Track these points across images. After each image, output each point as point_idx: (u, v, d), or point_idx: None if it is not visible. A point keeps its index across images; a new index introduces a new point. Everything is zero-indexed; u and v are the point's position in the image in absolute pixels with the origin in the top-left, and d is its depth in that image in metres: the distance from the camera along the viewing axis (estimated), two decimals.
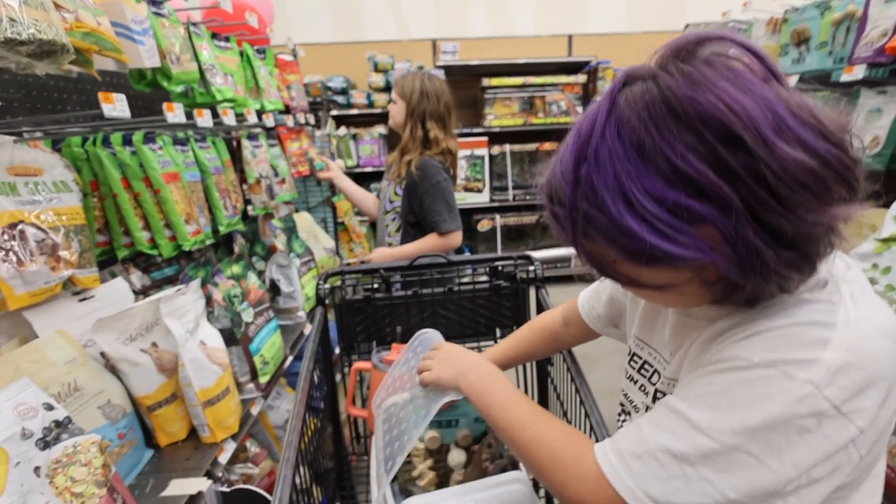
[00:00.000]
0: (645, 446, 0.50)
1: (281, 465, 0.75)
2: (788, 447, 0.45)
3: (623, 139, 0.45)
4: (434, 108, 2.01)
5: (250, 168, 1.93)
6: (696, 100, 0.43)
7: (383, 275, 1.38)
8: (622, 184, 0.45)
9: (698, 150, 0.43)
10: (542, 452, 0.58)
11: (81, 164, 1.29)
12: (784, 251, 0.44)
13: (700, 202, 0.43)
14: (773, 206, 0.42)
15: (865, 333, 0.46)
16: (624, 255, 0.48)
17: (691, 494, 0.47)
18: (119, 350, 1.12)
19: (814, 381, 0.44)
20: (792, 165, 0.42)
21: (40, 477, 0.73)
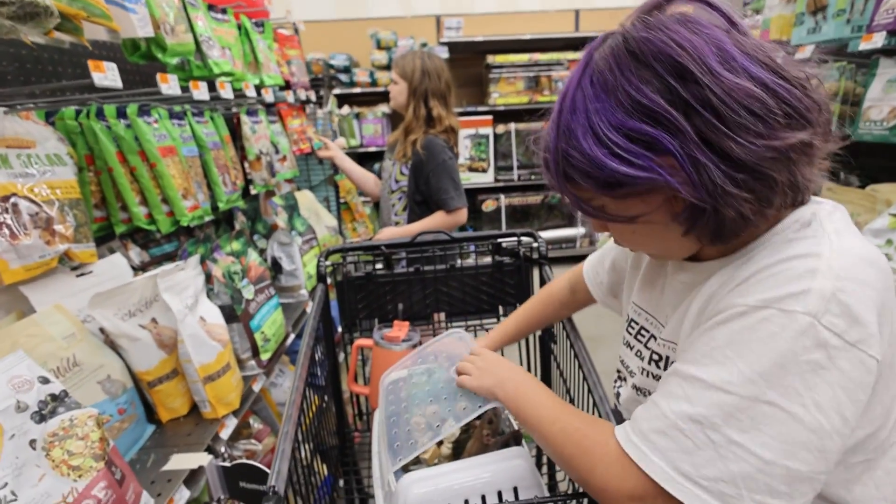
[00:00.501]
0: (665, 420, 0.49)
1: (279, 440, 0.74)
2: (807, 388, 0.44)
3: (594, 84, 0.52)
4: (436, 86, 1.99)
5: (250, 144, 1.90)
6: (649, 40, 0.49)
7: (385, 252, 1.36)
8: (591, 120, 0.51)
9: (652, 83, 0.48)
10: (569, 442, 0.58)
11: (76, 138, 1.26)
12: (735, 173, 0.48)
13: (653, 127, 0.48)
14: (720, 128, 0.47)
15: (851, 261, 0.48)
16: (596, 186, 0.53)
17: (723, 462, 0.45)
18: (118, 325, 1.11)
19: (810, 312, 0.45)
20: (736, 91, 0.46)
21: (36, 450, 0.72)
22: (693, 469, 0.47)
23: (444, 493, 0.68)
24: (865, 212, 1.61)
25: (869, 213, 1.60)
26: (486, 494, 0.70)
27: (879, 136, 1.60)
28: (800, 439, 0.45)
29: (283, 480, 0.66)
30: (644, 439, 0.51)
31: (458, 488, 0.69)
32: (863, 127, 1.66)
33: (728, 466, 0.45)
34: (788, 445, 0.45)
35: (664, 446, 0.49)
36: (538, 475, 0.77)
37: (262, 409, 1.68)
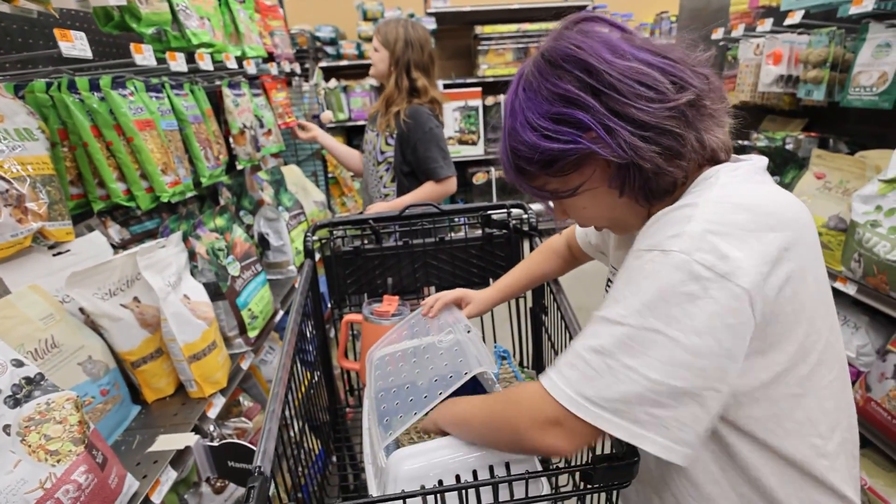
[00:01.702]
0: (574, 354, 0.57)
1: (266, 419, 0.72)
2: (685, 315, 0.52)
3: (525, 90, 0.65)
4: (418, 58, 1.93)
5: (233, 118, 1.84)
6: (557, 48, 0.63)
7: (373, 226, 1.33)
8: (525, 116, 0.64)
9: (565, 77, 0.62)
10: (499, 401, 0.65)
11: (48, 112, 1.20)
12: (640, 131, 0.59)
13: (570, 108, 0.61)
14: (621, 99, 0.59)
15: (724, 206, 0.56)
16: (540, 168, 0.65)
17: (619, 384, 0.53)
18: (98, 305, 1.08)
19: (683, 250, 0.53)
20: (627, 71, 0.59)
21: (11, 435, 0.70)
22: (594, 392, 0.54)
23: (435, 469, 0.67)
24: (855, 178, 1.61)
25: (858, 180, 1.59)
26: (478, 469, 0.69)
27: (869, 101, 1.58)
28: (680, 360, 0.52)
29: (270, 460, 0.64)
30: (558, 373, 0.58)
31: (449, 464, 0.68)
32: (852, 93, 1.64)
33: (622, 388, 0.53)
34: (670, 366, 0.52)
35: (571, 375, 0.56)
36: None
37: (251, 387, 1.67)
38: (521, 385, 0.66)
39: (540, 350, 1.32)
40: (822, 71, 1.76)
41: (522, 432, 0.59)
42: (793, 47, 1.90)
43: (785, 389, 0.60)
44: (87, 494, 0.75)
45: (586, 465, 0.61)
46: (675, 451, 0.53)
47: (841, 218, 1.60)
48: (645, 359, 0.52)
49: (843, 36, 1.73)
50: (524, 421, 0.59)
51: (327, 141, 2.29)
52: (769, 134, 2.16)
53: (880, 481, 1.50)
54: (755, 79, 2.12)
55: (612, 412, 0.53)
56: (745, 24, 2.18)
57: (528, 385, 0.62)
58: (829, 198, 1.66)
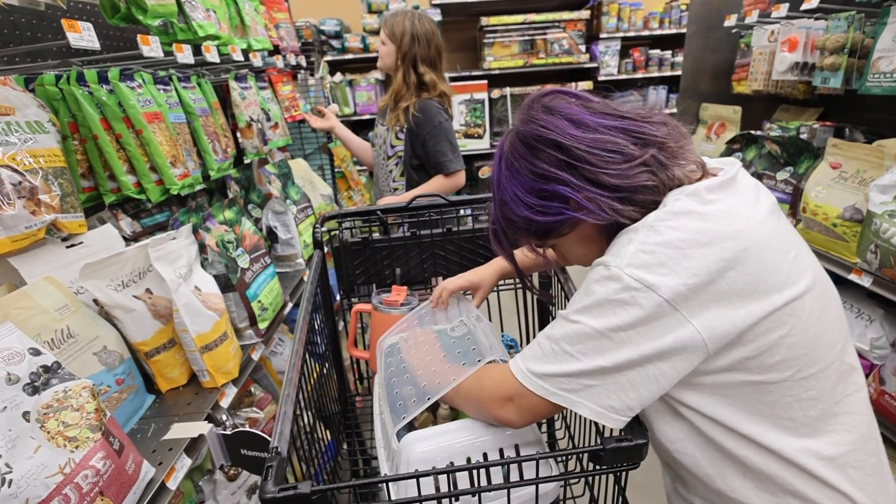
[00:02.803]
0: (535, 342, 0.69)
1: (281, 403, 0.73)
2: (613, 315, 0.62)
3: (508, 168, 0.74)
4: (425, 52, 1.92)
5: (240, 111, 1.84)
6: (529, 131, 0.72)
7: (381, 217, 1.33)
8: (514, 192, 0.73)
9: (540, 156, 0.70)
10: (472, 379, 0.76)
11: (58, 105, 1.21)
12: (615, 193, 0.67)
13: (549, 184, 0.69)
14: (592, 169, 0.67)
15: (657, 230, 0.63)
16: (536, 237, 0.76)
17: (559, 363, 0.65)
18: (111, 296, 1.09)
19: (619, 265, 0.63)
20: (593, 143, 0.67)
21: (30, 422, 0.71)
22: (539, 368, 0.66)
23: (446, 451, 0.68)
24: (872, 168, 1.57)
25: (876, 170, 1.56)
26: (488, 452, 0.70)
27: (889, 88, 1.54)
28: (605, 348, 0.63)
29: (286, 442, 0.65)
30: (522, 356, 0.70)
31: (459, 446, 0.69)
32: (871, 80, 1.60)
33: (562, 366, 0.65)
34: (599, 353, 0.63)
35: (526, 355, 0.69)
36: (538, 433, 0.76)
37: (262, 378, 1.69)
38: (492, 366, 0.77)
39: None
40: (839, 57, 1.71)
41: (484, 404, 0.72)
42: (809, 33, 1.84)
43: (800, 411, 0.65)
44: (105, 480, 0.76)
45: (597, 447, 0.61)
46: (607, 417, 0.64)
47: (857, 208, 1.57)
48: (580, 346, 0.64)
49: (862, 20, 1.68)
50: (485, 394, 0.72)
51: (343, 132, 2.29)
52: (782, 123, 2.12)
53: (893, 474, 1.48)
54: (769, 67, 2.07)
55: (551, 383, 0.65)
56: (760, 10, 2.12)
57: (496, 366, 0.76)
58: (844, 188, 1.63)
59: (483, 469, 0.65)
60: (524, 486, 0.60)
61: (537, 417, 0.70)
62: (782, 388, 0.63)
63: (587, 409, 0.64)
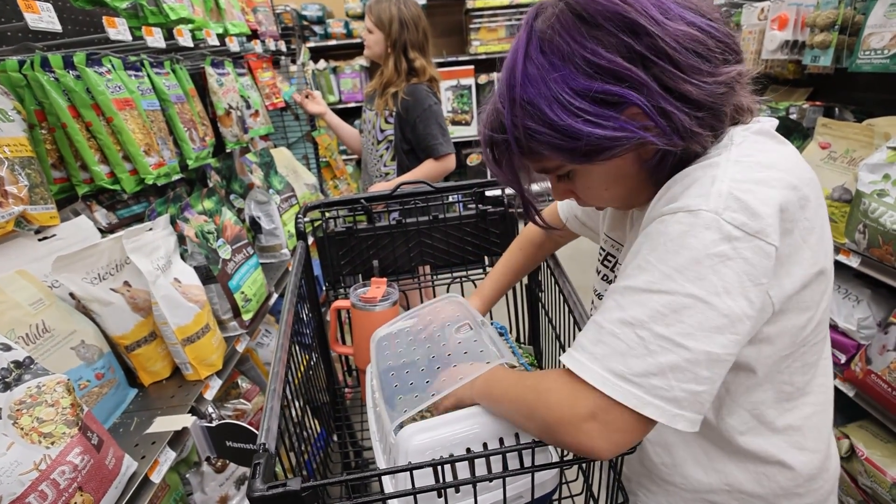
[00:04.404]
0: (601, 330, 0.52)
1: (267, 398, 0.71)
2: (717, 276, 0.48)
3: (545, 53, 0.52)
4: (414, 37, 1.90)
5: (218, 98, 1.79)
6: (596, 2, 0.51)
7: (365, 205, 1.31)
8: (552, 90, 0.52)
9: (606, 42, 0.50)
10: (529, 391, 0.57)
11: (23, 92, 1.16)
12: (695, 111, 0.52)
13: (617, 86, 0.50)
14: (676, 74, 0.50)
15: (746, 165, 0.52)
16: (570, 157, 0.55)
17: (653, 356, 0.48)
18: (87, 290, 1.06)
19: (711, 209, 0.49)
20: (682, 37, 0.50)
21: (2, 419, 0.69)
22: (625, 368, 0.49)
23: (445, 442, 0.66)
24: (862, 147, 1.57)
25: (866, 149, 1.55)
26: (488, 441, 0.68)
27: (880, 65, 1.53)
28: (715, 324, 0.48)
29: (274, 437, 0.63)
30: (583, 351, 0.52)
31: (459, 437, 0.67)
32: (862, 57, 1.57)
33: (657, 360, 0.48)
34: (707, 332, 0.48)
35: (600, 352, 0.50)
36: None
37: (249, 370, 1.67)
38: (546, 371, 0.58)
39: (536, 325, 1.32)
40: (829, 34, 1.68)
41: (555, 429, 0.52)
42: (799, 10, 1.81)
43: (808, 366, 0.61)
44: (83, 475, 0.74)
45: None
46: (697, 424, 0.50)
47: (846, 189, 1.56)
48: (680, 326, 0.48)
49: None
50: (554, 415, 0.52)
51: (333, 119, 2.26)
52: (772, 104, 2.10)
53: (878, 452, 1.51)
54: (758, 46, 2.03)
55: (645, 389, 0.48)
56: None
57: (552, 373, 0.56)
58: (833, 168, 1.63)
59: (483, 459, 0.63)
60: (520, 474, 0.59)
61: (630, 440, 0.50)
62: (801, 353, 0.60)
63: (686, 421, 0.49)
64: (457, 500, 0.64)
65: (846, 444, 1.58)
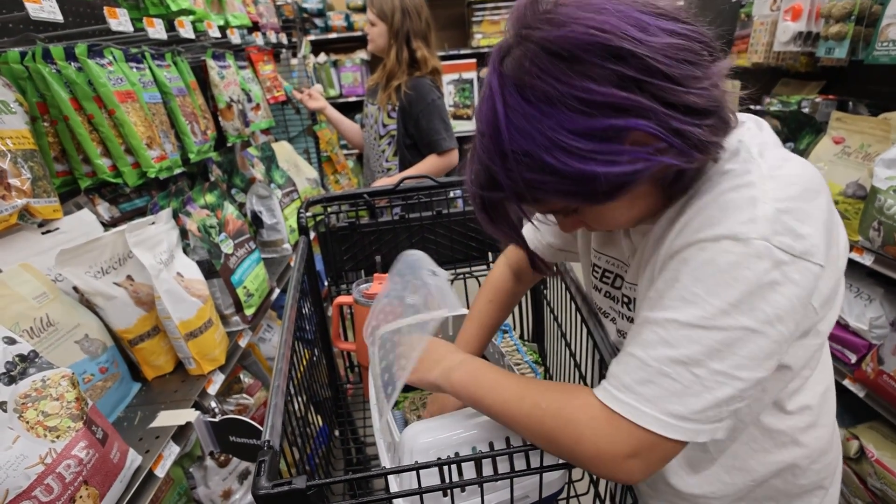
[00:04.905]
0: (648, 369, 0.50)
1: (271, 394, 0.71)
2: (768, 304, 0.47)
3: (529, 101, 0.48)
4: (417, 26, 1.88)
5: (219, 91, 1.78)
6: (568, 36, 0.46)
7: (368, 200, 1.30)
8: (549, 137, 0.47)
9: (594, 75, 0.46)
10: (547, 416, 0.54)
11: (24, 84, 1.15)
12: (704, 120, 0.49)
13: (620, 118, 0.46)
14: (675, 88, 0.47)
15: (782, 180, 0.50)
16: (586, 200, 0.51)
17: (710, 393, 0.48)
18: (91, 284, 1.06)
19: (761, 236, 0.47)
20: (668, 50, 0.47)
21: (7, 412, 0.69)
22: (684, 408, 0.48)
23: (451, 441, 0.66)
24: (877, 142, 1.52)
25: (881, 143, 1.51)
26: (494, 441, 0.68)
27: None
28: (766, 351, 0.48)
29: (278, 435, 0.63)
30: (628, 391, 0.50)
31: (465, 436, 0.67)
32: (879, 48, 1.51)
33: (714, 395, 0.48)
34: (758, 360, 0.48)
35: (653, 394, 0.49)
36: None
37: (251, 365, 1.67)
38: (568, 396, 0.55)
39: (540, 322, 1.31)
40: (845, 25, 1.62)
41: (585, 461, 0.52)
42: (814, 0, 1.76)
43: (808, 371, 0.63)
44: (89, 469, 0.75)
45: None
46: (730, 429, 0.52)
47: (860, 185, 1.53)
48: (734, 359, 0.48)
49: None
50: (586, 450, 0.51)
51: (333, 114, 2.24)
52: (783, 98, 2.03)
53: (888, 453, 1.50)
54: (770, 37, 1.96)
55: (702, 422, 0.49)
56: None
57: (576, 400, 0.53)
58: (847, 164, 1.58)
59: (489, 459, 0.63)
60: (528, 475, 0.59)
61: (666, 463, 0.52)
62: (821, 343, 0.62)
63: (724, 431, 0.51)
64: (462, 499, 0.64)
65: (855, 445, 1.56)
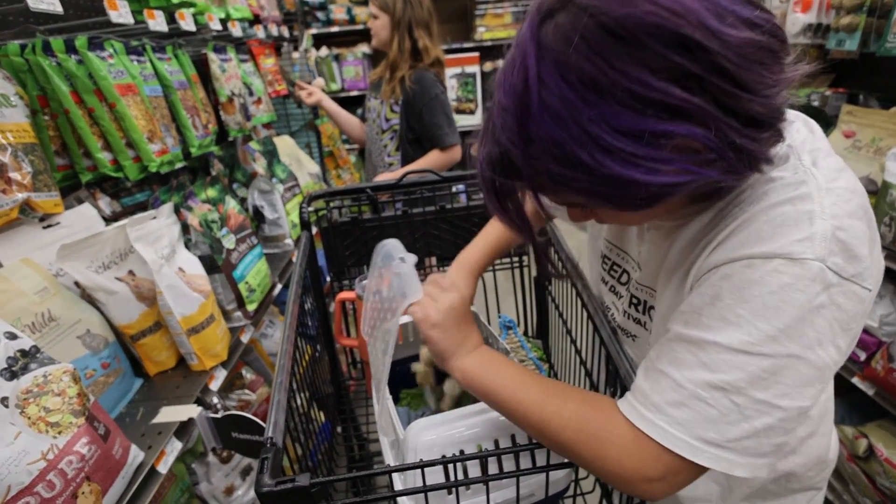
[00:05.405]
0: (683, 391, 0.46)
1: (274, 391, 0.70)
2: (812, 328, 0.43)
3: (571, 82, 0.40)
4: (419, 15, 1.86)
5: (220, 85, 1.77)
6: (633, 15, 0.39)
7: (370, 195, 1.29)
8: (589, 132, 0.40)
9: (654, 67, 0.39)
10: (568, 427, 0.51)
11: (24, 77, 1.14)
12: (762, 133, 0.43)
13: (676, 123, 0.40)
14: (741, 94, 0.40)
15: (840, 195, 0.46)
16: (616, 206, 0.45)
17: (748, 422, 0.44)
18: (92, 279, 1.05)
19: (818, 256, 0.43)
20: (744, 47, 0.40)
21: (9, 407, 0.68)
22: (719, 435, 0.45)
23: (456, 439, 0.66)
24: (889, 135, 1.49)
25: (893, 137, 1.48)
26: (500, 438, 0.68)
27: None
28: (809, 379, 0.45)
29: (281, 432, 0.63)
30: (659, 412, 0.47)
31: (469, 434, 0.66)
32: (891, 40, 1.47)
33: (752, 424, 0.45)
34: (801, 388, 0.44)
35: (684, 418, 0.46)
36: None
37: (254, 360, 1.67)
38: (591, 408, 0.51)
39: (544, 319, 1.30)
40: (857, 17, 1.59)
41: (608, 476, 0.49)
42: None
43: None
44: (91, 465, 0.74)
45: None
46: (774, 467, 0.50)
47: (871, 180, 1.49)
48: (778, 388, 0.44)
49: None
50: (611, 468, 0.48)
51: (331, 106, 2.23)
52: (791, 91, 2.03)
53: None
54: None
55: (738, 452, 0.45)
56: None
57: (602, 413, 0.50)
58: (858, 158, 1.55)
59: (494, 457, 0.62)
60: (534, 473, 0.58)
61: (689, 484, 0.49)
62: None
63: (767, 468, 0.47)
64: (467, 497, 0.63)
65: (864, 443, 1.54)
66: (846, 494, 1.63)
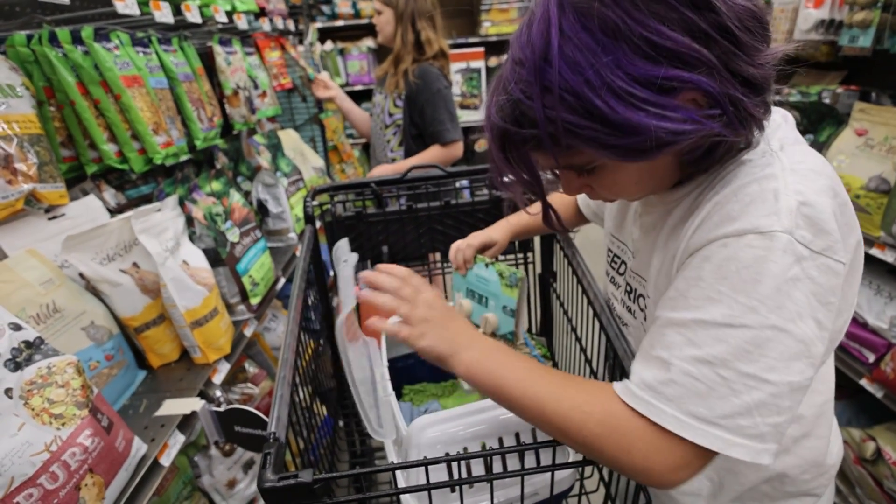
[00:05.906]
0: (672, 369, 0.48)
1: (277, 385, 0.70)
2: (791, 300, 0.45)
3: (590, 29, 0.43)
4: (422, 6, 1.85)
5: (226, 78, 1.76)
6: None
7: (375, 189, 1.29)
8: (604, 76, 0.43)
9: (670, 19, 0.42)
10: (591, 422, 0.50)
11: (31, 67, 1.14)
12: (755, 97, 0.47)
13: (686, 70, 0.43)
14: (740, 55, 0.45)
15: (805, 175, 0.49)
16: (621, 154, 0.46)
17: (737, 397, 0.45)
18: (97, 270, 1.05)
19: (786, 228, 0.45)
20: (742, 13, 0.44)
21: (13, 399, 0.68)
22: (708, 411, 0.46)
23: (459, 436, 0.65)
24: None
25: None
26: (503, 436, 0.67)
27: None
28: (794, 353, 0.45)
29: (284, 427, 0.62)
30: (650, 390, 0.48)
31: (472, 431, 0.66)
32: None
33: (742, 399, 0.45)
34: (787, 361, 0.45)
35: (674, 394, 0.47)
36: None
37: (256, 354, 1.67)
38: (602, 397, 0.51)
39: (548, 316, 1.30)
40: (871, 12, 1.56)
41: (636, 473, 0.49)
42: None
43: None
44: (94, 457, 0.74)
45: None
46: (776, 454, 0.48)
47: (883, 178, 1.48)
48: (764, 361, 0.45)
49: None
50: (638, 463, 0.48)
51: (345, 103, 2.22)
52: (802, 88, 1.96)
53: None
54: (791, 25, 1.89)
55: (732, 431, 0.45)
56: None
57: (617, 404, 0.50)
58: (870, 156, 1.53)
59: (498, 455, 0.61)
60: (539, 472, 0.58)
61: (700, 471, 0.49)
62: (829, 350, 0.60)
63: (770, 455, 0.47)
64: (470, 495, 0.63)
65: (872, 446, 1.53)
66: (852, 498, 1.63)
